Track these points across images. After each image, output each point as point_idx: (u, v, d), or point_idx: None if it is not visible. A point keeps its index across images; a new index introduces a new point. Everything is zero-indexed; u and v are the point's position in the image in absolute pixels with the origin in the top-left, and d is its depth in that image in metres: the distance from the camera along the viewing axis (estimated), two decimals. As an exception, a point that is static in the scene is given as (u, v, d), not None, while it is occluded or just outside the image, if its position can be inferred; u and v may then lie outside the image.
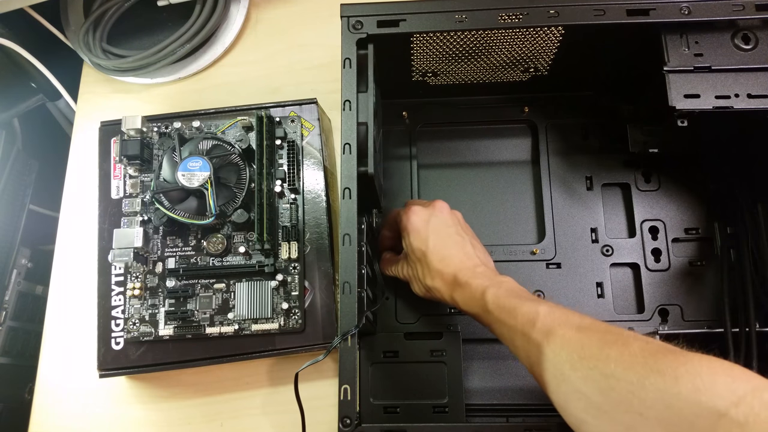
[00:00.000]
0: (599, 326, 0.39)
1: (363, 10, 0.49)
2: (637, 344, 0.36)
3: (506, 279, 0.46)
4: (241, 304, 0.54)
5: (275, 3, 0.72)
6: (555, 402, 0.39)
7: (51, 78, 0.69)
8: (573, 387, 0.37)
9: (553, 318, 0.40)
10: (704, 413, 0.31)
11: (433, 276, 0.49)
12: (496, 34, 0.51)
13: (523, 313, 0.42)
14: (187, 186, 0.52)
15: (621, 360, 0.35)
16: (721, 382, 0.31)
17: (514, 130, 0.64)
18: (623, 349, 0.36)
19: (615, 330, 0.38)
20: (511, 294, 0.44)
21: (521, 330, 0.41)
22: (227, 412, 0.58)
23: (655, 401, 0.33)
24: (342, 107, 0.47)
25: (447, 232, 0.50)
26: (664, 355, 0.34)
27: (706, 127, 0.53)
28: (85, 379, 0.59)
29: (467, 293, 0.46)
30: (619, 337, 0.37)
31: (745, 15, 0.47)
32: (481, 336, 0.57)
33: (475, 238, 0.52)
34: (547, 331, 0.40)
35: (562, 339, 0.39)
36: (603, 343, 0.37)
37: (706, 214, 0.60)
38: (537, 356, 0.40)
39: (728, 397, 0.30)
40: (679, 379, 0.32)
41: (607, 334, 0.38)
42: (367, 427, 0.42)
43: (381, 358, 0.55)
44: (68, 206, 0.65)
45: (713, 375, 0.32)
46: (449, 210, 0.52)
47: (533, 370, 0.41)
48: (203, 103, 0.67)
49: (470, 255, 0.49)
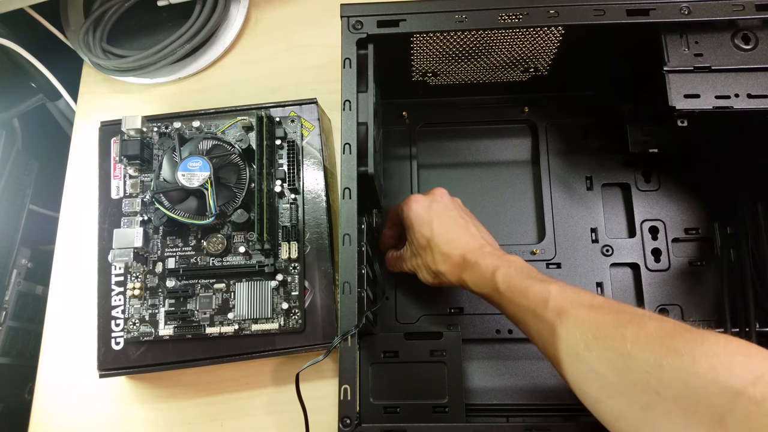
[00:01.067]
0: (612, 305, 0.39)
1: (363, 10, 0.49)
2: (653, 324, 0.36)
3: (515, 258, 0.46)
4: (241, 304, 0.54)
5: (275, 3, 0.72)
6: (569, 381, 0.39)
7: (51, 78, 0.69)
8: (588, 367, 0.37)
9: (564, 297, 0.40)
10: (722, 392, 0.31)
11: (440, 260, 0.49)
12: (496, 34, 0.51)
13: (535, 293, 0.42)
14: (187, 186, 0.52)
15: (637, 340, 0.35)
16: (738, 361, 0.32)
17: (514, 130, 0.64)
18: (639, 329, 0.36)
19: (629, 309, 0.38)
20: (522, 273, 0.44)
21: (533, 310, 0.41)
22: (227, 412, 0.58)
23: (672, 381, 0.33)
24: (342, 107, 0.47)
25: (450, 215, 0.50)
26: (681, 335, 0.34)
27: (706, 127, 0.53)
28: (85, 379, 0.59)
29: (476, 273, 0.46)
30: (633, 317, 0.37)
31: (745, 15, 0.47)
32: (481, 336, 0.57)
33: (477, 222, 0.53)
34: (560, 310, 0.40)
35: (575, 318, 0.39)
36: (618, 323, 0.37)
37: (706, 214, 0.60)
38: (550, 336, 0.40)
39: (745, 375, 0.31)
40: (697, 359, 0.32)
41: (621, 313, 0.38)
42: (367, 427, 0.42)
43: (381, 358, 0.55)
44: (68, 206, 0.65)
45: (730, 354, 0.32)
46: (449, 195, 0.53)
47: (546, 350, 0.41)
48: (203, 103, 0.67)
49: (475, 236, 0.49)
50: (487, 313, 0.58)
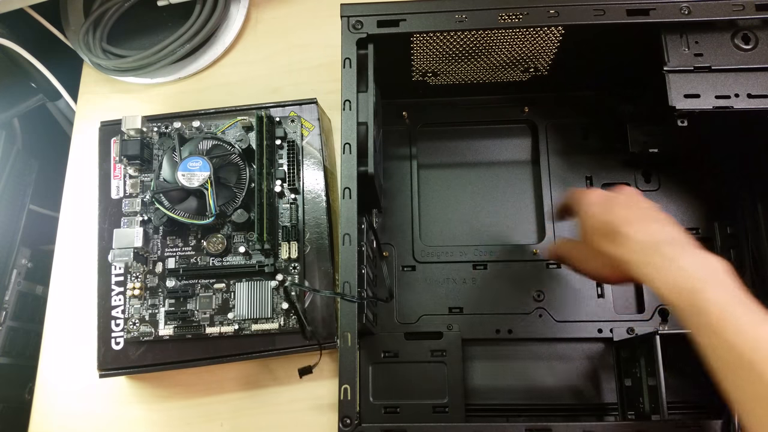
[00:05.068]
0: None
1: (363, 10, 0.49)
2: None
3: (715, 261, 0.38)
4: (241, 304, 0.54)
5: (275, 3, 0.72)
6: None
7: (51, 78, 0.69)
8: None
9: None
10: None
11: (626, 247, 0.42)
12: (496, 34, 0.51)
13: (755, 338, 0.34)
14: (187, 186, 0.52)
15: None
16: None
17: (514, 130, 0.64)
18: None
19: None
20: (729, 295, 0.36)
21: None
22: (227, 412, 0.58)
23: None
24: (342, 107, 0.47)
25: (640, 205, 0.45)
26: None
27: (706, 127, 0.53)
28: (85, 379, 0.59)
29: (669, 275, 0.38)
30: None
31: (745, 15, 0.48)
32: (481, 336, 0.57)
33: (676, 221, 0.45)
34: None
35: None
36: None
37: (706, 214, 0.60)
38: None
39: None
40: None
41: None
42: (367, 427, 0.42)
43: (381, 358, 0.55)
44: (68, 206, 0.65)
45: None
46: (634, 190, 0.48)
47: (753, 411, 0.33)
48: (203, 103, 0.67)
49: (670, 226, 0.43)
50: (487, 313, 0.58)
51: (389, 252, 0.60)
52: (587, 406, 0.55)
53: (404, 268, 0.60)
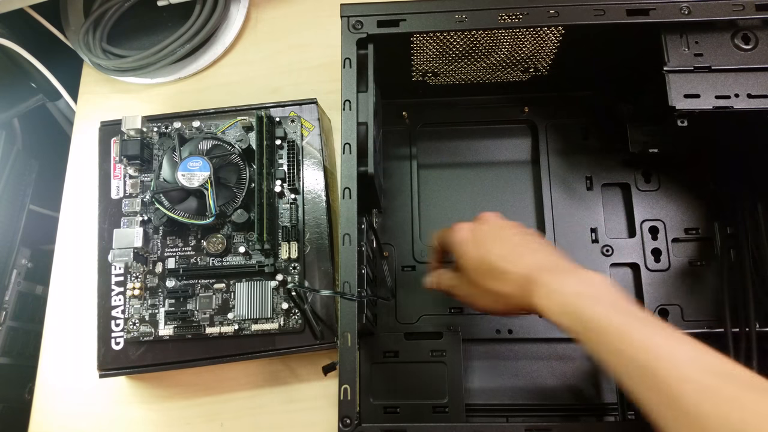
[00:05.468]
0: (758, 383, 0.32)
1: (363, 10, 0.49)
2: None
3: (597, 278, 0.39)
4: (241, 304, 0.54)
5: (275, 3, 0.72)
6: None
7: (51, 78, 0.69)
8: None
9: (697, 363, 0.33)
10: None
11: (501, 280, 0.43)
12: (496, 34, 0.51)
13: (640, 341, 0.34)
14: (187, 186, 0.52)
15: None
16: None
17: (514, 130, 0.64)
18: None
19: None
20: (614, 305, 0.37)
21: (641, 365, 0.34)
22: (227, 412, 0.58)
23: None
24: (342, 107, 0.47)
25: (505, 234, 0.46)
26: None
27: (706, 127, 0.53)
28: (85, 379, 0.59)
29: (550, 297, 0.39)
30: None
31: (745, 15, 0.47)
32: (481, 336, 0.57)
33: (547, 241, 0.46)
34: (690, 381, 0.32)
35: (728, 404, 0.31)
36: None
37: (706, 214, 0.60)
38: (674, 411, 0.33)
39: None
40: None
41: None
42: (367, 427, 0.42)
43: (381, 358, 0.55)
44: (68, 206, 0.65)
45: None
46: (502, 217, 0.48)
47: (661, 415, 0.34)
48: (203, 103, 0.67)
49: (541, 251, 0.43)
50: (487, 313, 0.58)
51: (389, 252, 0.60)
52: (587, 406, 0.55)
53: (404, 268, 0.60)
